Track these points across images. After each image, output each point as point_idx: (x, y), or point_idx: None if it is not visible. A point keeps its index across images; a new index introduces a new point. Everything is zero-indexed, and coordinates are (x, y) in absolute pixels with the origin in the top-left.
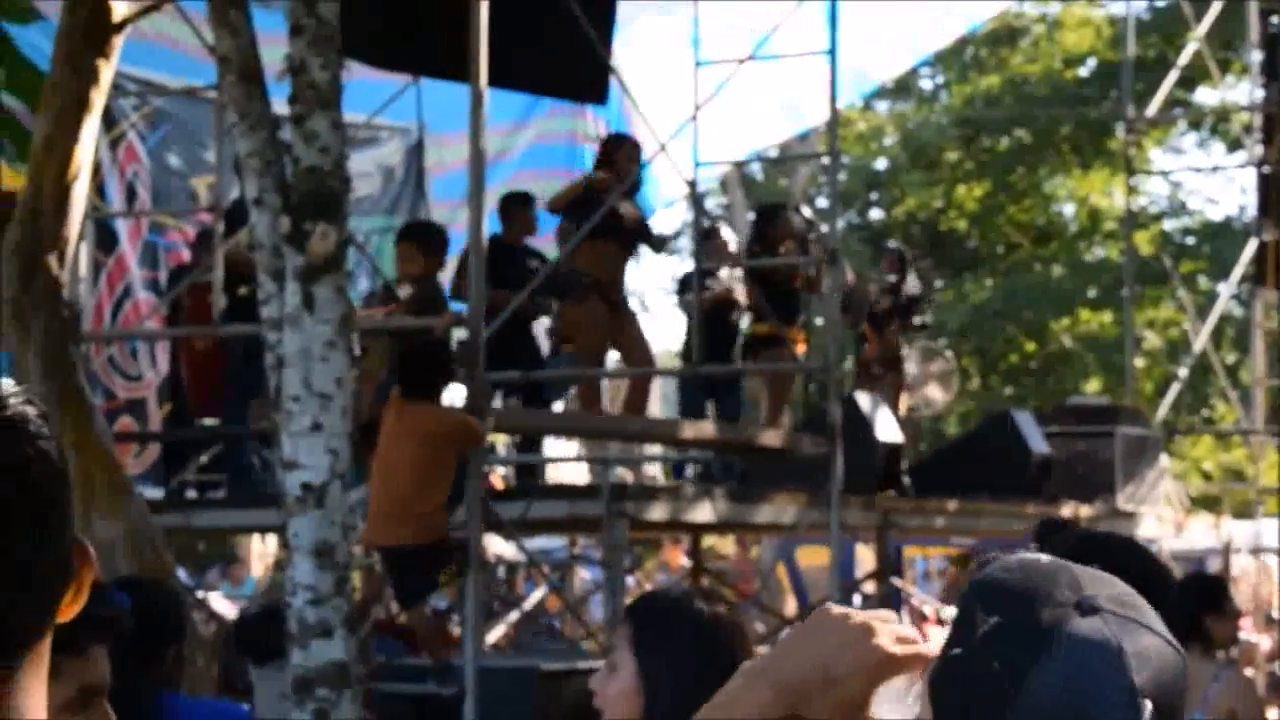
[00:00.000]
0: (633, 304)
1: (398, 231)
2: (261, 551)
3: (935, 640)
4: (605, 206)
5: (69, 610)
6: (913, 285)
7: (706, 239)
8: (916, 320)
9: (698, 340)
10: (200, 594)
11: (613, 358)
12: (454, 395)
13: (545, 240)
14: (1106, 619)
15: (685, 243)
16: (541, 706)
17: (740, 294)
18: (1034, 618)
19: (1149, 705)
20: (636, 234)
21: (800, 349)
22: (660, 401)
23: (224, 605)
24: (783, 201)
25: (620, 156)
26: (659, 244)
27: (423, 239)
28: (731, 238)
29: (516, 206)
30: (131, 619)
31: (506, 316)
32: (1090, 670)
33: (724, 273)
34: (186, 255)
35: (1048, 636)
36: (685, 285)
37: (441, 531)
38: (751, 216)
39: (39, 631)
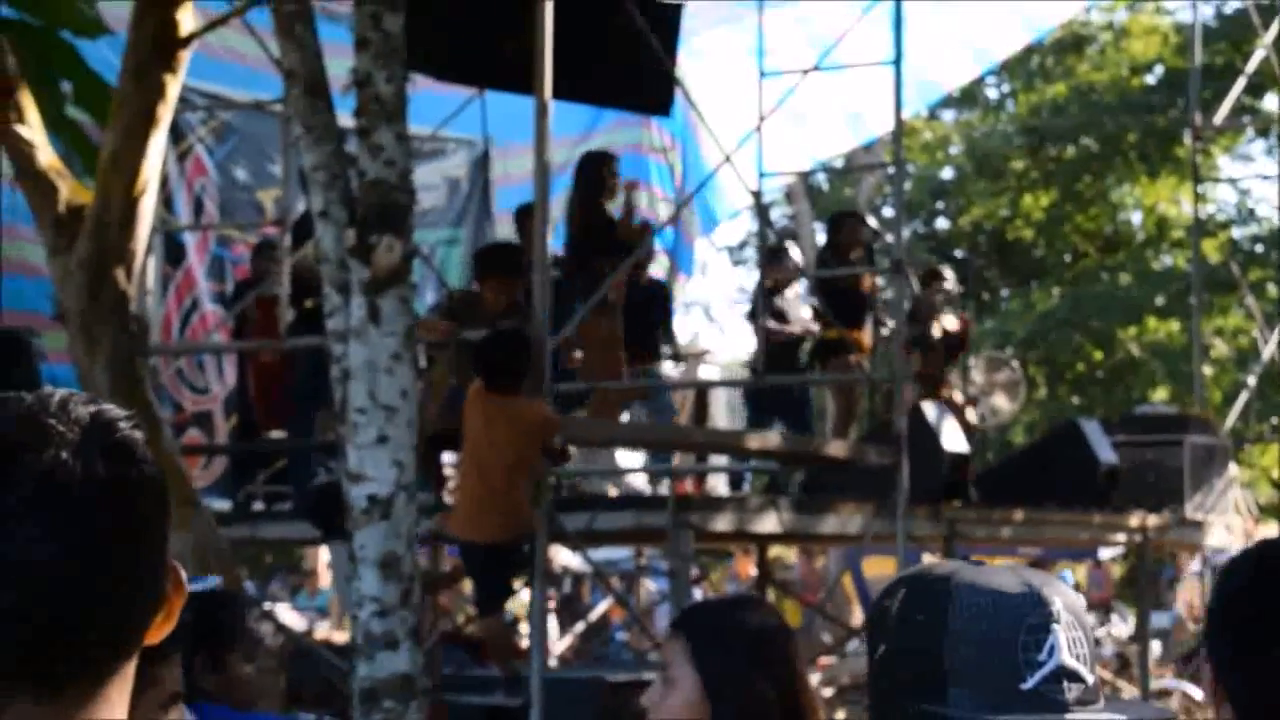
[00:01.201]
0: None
1: (475, 267)
2: (330, 562)
3: None
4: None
5: (159, 631)
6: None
7: (773, 258)
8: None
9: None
10: (268, 605)
11: None
12: None
13: None
14: (995, 567)
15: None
16: (608, 718)
17: (808, 322)
18: (930, 578)
19: (1058, 602)
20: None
21: (866, 354)
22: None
23: (292, 617)
24: (852, 209)
25: (609, 177)
26: None
27: (504, 269)
28: (799, 257)
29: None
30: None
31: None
32: (995, 584)
33: (790, 292)
34: None
35: (947, 581)
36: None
37: (529, 526)
38: (819, 226)
39: (128, 653)
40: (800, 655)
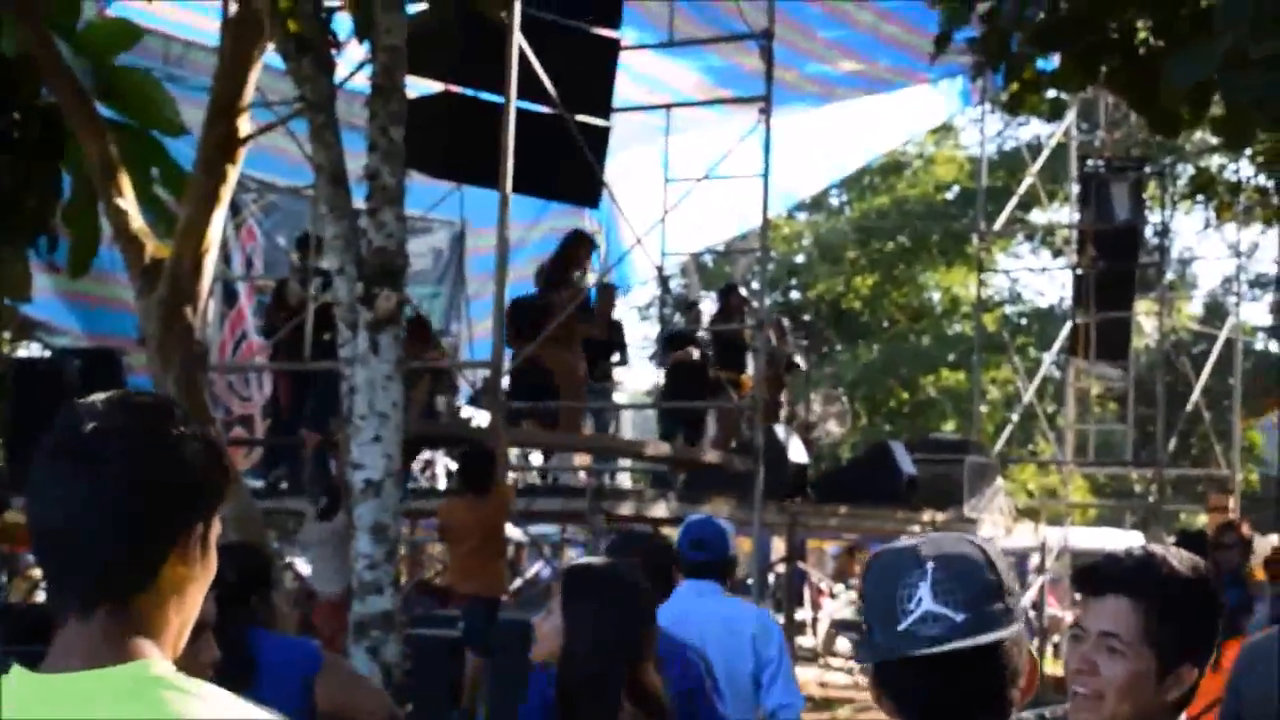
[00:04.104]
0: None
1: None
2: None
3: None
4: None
5: (187, 570)
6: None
7: (689, 309)
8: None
9: (666, 384)
10: (288, 559)
11: None
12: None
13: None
14: (915, 536)
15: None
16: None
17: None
18: (870, 555)
19: (931, 565)
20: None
21: (747, 391)
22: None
23: (307, 569)
24: (734, 283)
25: (581, 253)
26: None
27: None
28: (707, 312)
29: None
30: (231, 571)
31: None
32: (888, 552)
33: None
34: None
35: (873, 556)
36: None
37: (502, 587)
38: (710, 293)
39: (141, 582)
40: (653, 614)
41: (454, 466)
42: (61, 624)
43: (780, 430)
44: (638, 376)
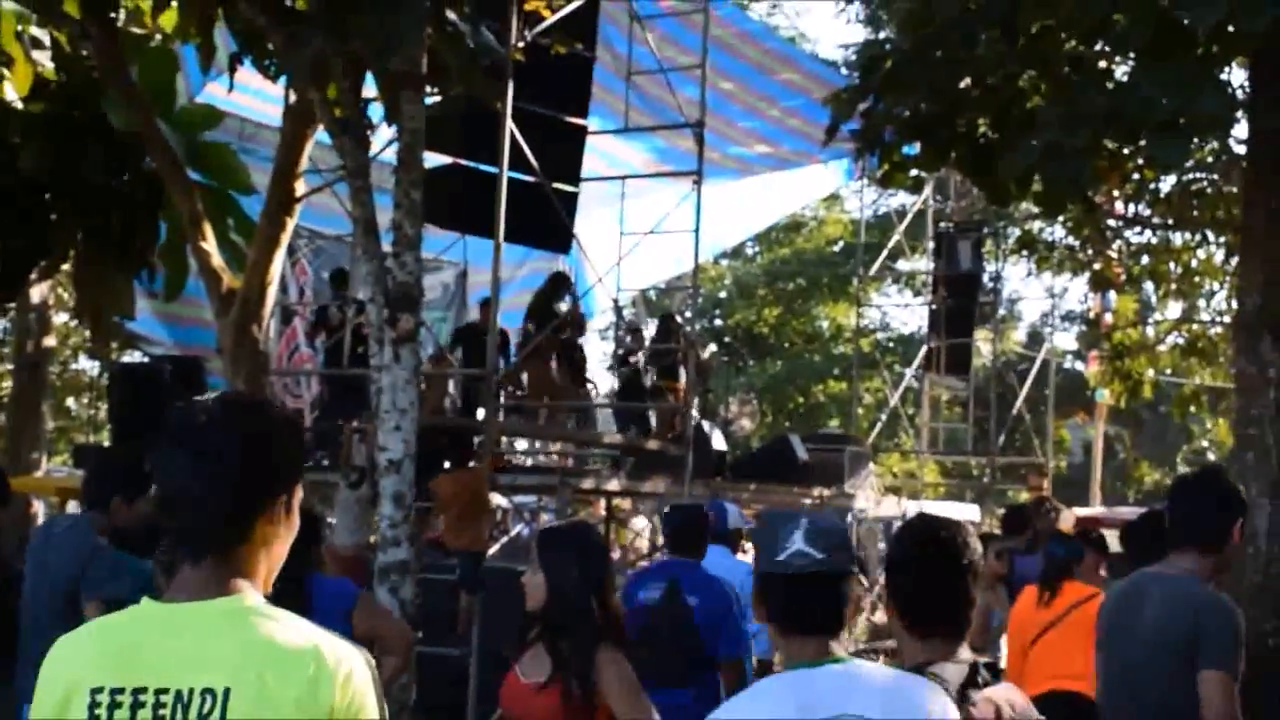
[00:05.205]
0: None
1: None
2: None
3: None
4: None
5: (275, 528)
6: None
7: (634, 333)
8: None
9: (621, 389)
10: (329, 519)
11: None
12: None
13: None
14: (798, 509)
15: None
16: (517, 592)
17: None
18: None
19: (805, 521)
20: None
21: (680, 395)
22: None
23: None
24: (671, 313)
25: (562, 290)
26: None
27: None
28: (644, 335)
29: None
30: None
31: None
32: (780, 513)
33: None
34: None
35: (769, 514)
36: (619, 360)
37: (484, 544)
38: (653, 320)
39: (243, 535)
40: (609, 560)
41: None
42: (180, 568)
43: (706, 424)
44: (605, 382)
